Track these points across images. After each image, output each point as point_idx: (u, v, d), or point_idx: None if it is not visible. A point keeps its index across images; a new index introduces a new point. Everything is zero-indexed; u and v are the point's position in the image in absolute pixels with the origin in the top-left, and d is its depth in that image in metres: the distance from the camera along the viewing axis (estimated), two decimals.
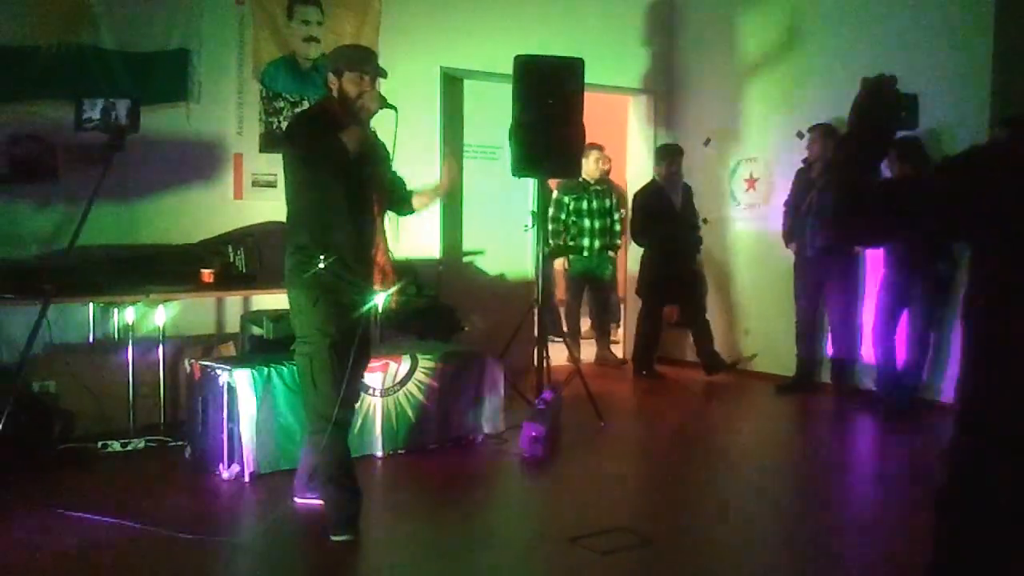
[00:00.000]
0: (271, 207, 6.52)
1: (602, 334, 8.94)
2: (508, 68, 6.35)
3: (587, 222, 8.47)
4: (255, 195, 6.59)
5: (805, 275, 7.30)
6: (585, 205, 8.45)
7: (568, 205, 8.38)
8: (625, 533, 4.26)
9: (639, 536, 4.23)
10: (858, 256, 7.14)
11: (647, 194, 8.10)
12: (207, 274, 5.87)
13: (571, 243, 8.44)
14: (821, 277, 7.15)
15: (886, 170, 6.07)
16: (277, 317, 5.74)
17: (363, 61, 4.16)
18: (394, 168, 4.35)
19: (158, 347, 5.75)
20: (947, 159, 1.87)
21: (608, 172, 8.92)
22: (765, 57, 8.10)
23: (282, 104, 6.71)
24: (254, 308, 6.32)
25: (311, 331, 4.07)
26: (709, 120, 8.49)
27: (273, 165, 6.58)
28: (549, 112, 6.22)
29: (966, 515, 1.79)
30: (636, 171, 9.03)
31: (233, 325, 6.31)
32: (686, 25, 8.74)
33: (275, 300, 6.16)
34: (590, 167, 8.38)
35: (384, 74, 4.22)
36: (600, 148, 8.51)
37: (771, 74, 8.05)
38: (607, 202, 8.57)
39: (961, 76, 6.65)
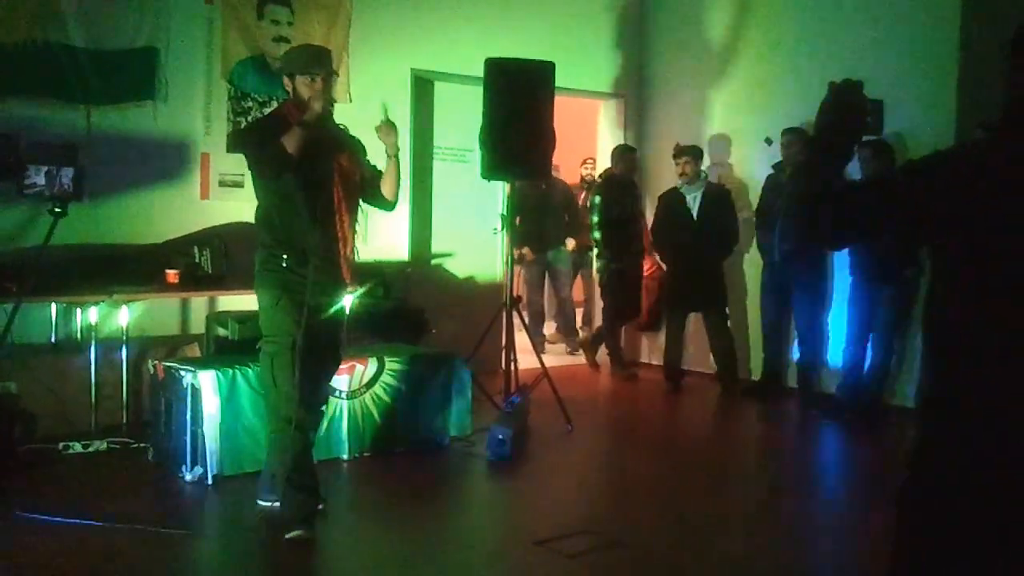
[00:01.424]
0: (238, 207, 6.47)
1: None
2: (479, 71, 6.35)
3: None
4: (222, 195, 6.53)
5: (772, 279, 7.33)
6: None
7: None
8: (591, 536, 4.26)
9: (605, 538, 4.22)
10: (825, 261, 7.18)
11: (659, 200, 7.96)
12: (172, 274, 5.82)
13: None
14: (788, 281, 7.19)
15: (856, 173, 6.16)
16: (243, 318, 5.70)
17: (312, 63, 4.15)
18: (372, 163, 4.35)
19: (121, 348, 5.68)
20: (915, 161, 1.88)
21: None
22: (735, 62, 8.14)
23: (250, 104, 6.66)
24: (220, 309, 6.26)
25: (274, 331, 4.07)
26: (679, 125, 8.51)
27: (241, 165, 6.44)
28: (520, 115, 6.21)
29: (927, 517, 1.80)
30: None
31: (198, 326, 6.26)
32: (657, 30, 8.77)
33: (241, 301, 6.11)
34: None
35: (336, 74, 4.24)
36: None
37: (741, 79, 8.10)
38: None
39: (926, 82, 6.71)
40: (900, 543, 1.86)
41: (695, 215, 7.59)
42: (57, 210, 5.15)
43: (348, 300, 4.28)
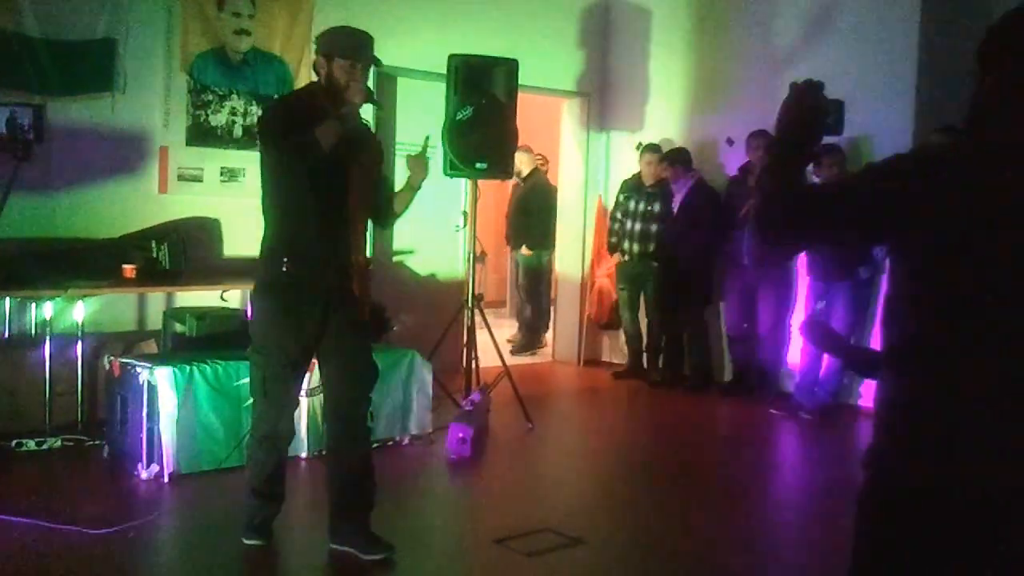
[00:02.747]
0: (197, 202, 6.41)
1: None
2: (442, 67, 6.32)
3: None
4: (181, 189, 6.44)
5: (738, 283, 7.38)
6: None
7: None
8: (551, 534, 4.26)
9: (566, 537, 4.22)
10: (792, 264, 7.22)
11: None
12: (129, 269, 5.73)
13: None
14: (754, 285, 7.24)
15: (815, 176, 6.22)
16: (201, 315, 5.65)
17: (357, 48, 3.80)
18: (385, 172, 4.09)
19: (77, 344, 5.58)
20: (876, 164, 1.89)
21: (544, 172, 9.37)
22: (698, 63, 8.18)
23: (210, 97, 6.58)
24: (177, 305, 6.18)
25: (265, 342, 3.82)
26: (642, 124, 8.54)
27: (200, 159, 6.48)
28: (482, 112, 6.20)
29: (885, 521, 1.81)
30: (569, 172, 9.05)
31: (155, 322, 6.17)
32: (620, 29, 8.79)
33: (199, 297, 6.06)
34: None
35: (379, 63, 3.90)
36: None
37: (704, 80, 8.14)
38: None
39: (887, 84, 6.79)
40: (858, 545, 1.87)
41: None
42: (20, 154, 4.97)
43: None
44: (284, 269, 3.74)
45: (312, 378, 5.27)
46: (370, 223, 4.07)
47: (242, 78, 6.64)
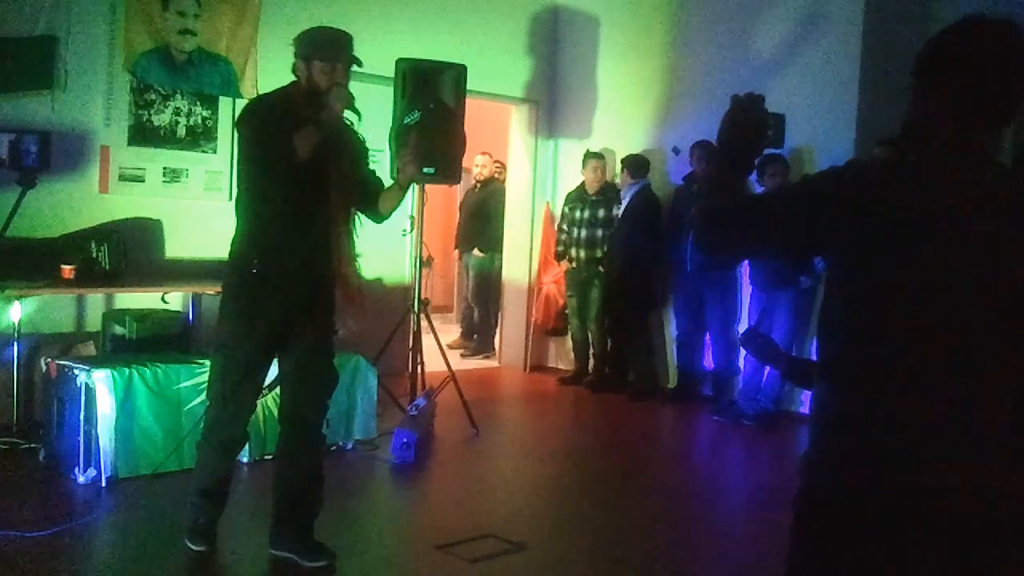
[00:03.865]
0: (139, 203, 6.32)
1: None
2: (390, 71, 6.30)
3: None
4: (122, 189, 6.35)
5: (685, 290, 7.46)
6: None
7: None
8: (494, 540, 4.26)
9: (509, 543, 4.23)
10: (736, 272, 7.31)
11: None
12: (67, 270, 5.63)
13: None
14: (700, 292, 7.31)
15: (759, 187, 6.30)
16: (141, 316, 5.57)
17: (336, 49, 3.71)
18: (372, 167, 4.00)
19: (13, 345, 5.48)
20: (811, 177, 1.92)
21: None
22: (644, 73, 8.24)
23: (153, 96, 6.50)
24: (117, 307, 6.08)
25: (228, 343, 3.76)
26: (590, 131, 8.59)
27: (142, 159, 6.40)
28: (430, 117, 6.19)
29: (817, 529, 1.84)
30: (517, 178, 9.08)
31: (94, 324, 6.07)
32: (568, 37, 8.84)
33: (139, 299, 5.97)
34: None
35: (360, 63, 3.79)
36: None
37: (649, 89, 8.20)
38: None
39: (828, 98, 6.90)
40: (793, 550, 1.89)
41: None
42: (26, 183, 4.95)
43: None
44: (253, 271, 3.68)
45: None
46: (358, 230, 3.97)
47: (186, 78, 6.56)
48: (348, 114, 3.70)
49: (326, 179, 3.68)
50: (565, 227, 8.19)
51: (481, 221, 9.36)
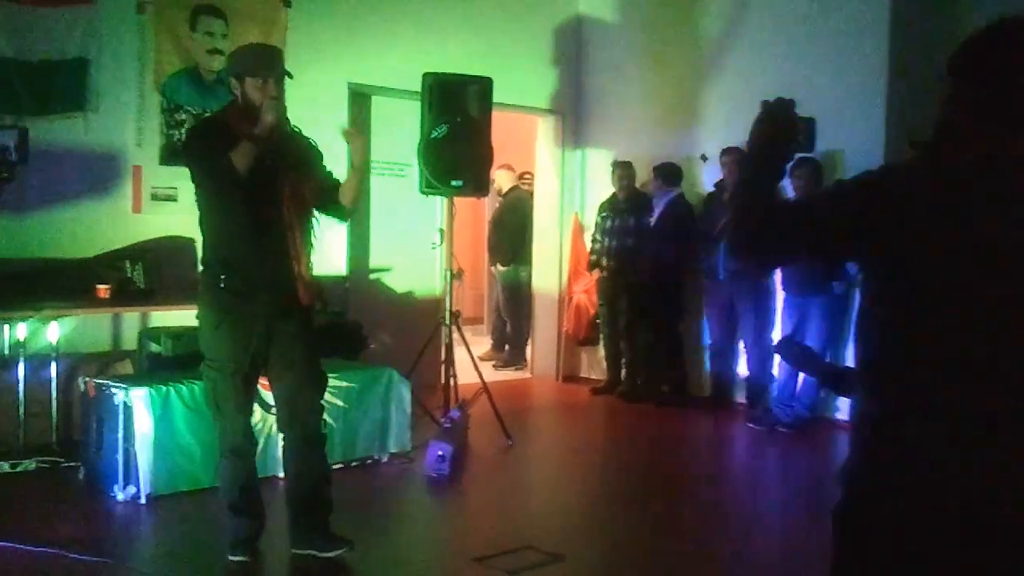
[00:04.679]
0: (171, 221, 6.37)
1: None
2: (417, 85, 6.33)
3: None
4: (155, 209, 6.42)
5: (718, 298, 7.43)
6: None
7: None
8: (532, 551, 4.25)
9: (546, 554, 4.22)
10: (770, 278, 7.25)
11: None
12: (103, 289, 5.69)
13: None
14: (733, 299, 7.28)
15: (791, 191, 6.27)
16: (176, 334, 5.61)
17: (265, 64, 3.85)
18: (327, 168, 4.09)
19: (51, 364, 5.54)
20: (845, 182, 1.91)
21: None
22: (671, 81, 8.23)
23: (184, 116, 6.56)
24: (152, 325, 6.14)
25: (213, 355, 3.90)
26: (617, 141, 8.58)
27: (174, 178, 6.43)
28: (457, 130, 6.21)
29: (861, 539, 1.82)
30: (545, 189, 9.09)
31: (130, 342, 6.13)
32: (593, 47, 8.83)
33: (174, 317, 6.01)
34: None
35: (290, 76, 3.92)
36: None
37: (677, 97, 8.18)
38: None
39: (857, 101, 6.86)
40: (837, 561, 1.88)
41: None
42: (5, 175, 4.98)
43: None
44: (222, 286, 3.82)
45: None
46: (315, 231, 4.05)
47: (216, 97, 6.61)
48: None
49: (275, 189, 3.80)
50: (598, 236, 8.19)
51: (501, 232, 9.38)
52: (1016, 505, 1.68)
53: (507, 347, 9.55)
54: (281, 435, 4.19)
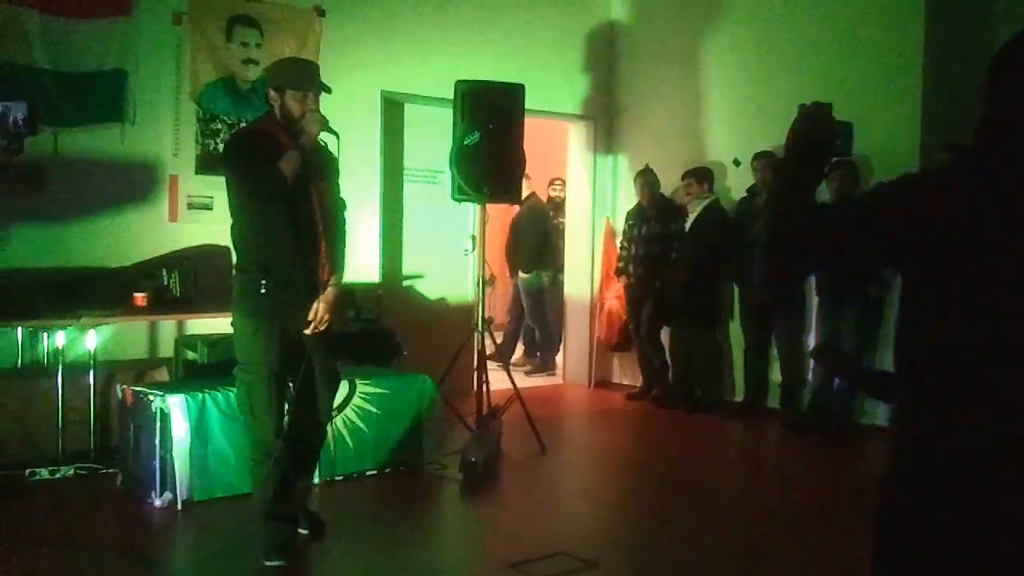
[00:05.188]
0: (207, 230, 6.42)
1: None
2: (449, 93, 6.35)
3: None
4: (191, 217, 6.49)
5: (751, 303, 7.39)
6: None
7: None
8: (566, 558, 4.24)
9: (581, 560, 4.21)
10: (804, 284, 7.19)
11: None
12: (140, 298, 5.75)
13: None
14: (767, 304, 7.23)
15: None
16: (212, 342, 5.66)
17: (306, 78, 4.02)
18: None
19: (89, 372, 5.60)
20: (885, 184, 1.89)
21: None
22: (703, 86, 8.21)
23: (219, 126, 6.63)
24: (189, 332, 6.20)
25: (250, 359, 3.99)
26: (649, 147, 8.55)
27: (210, 187, 6.50)
28: (489, 137, 6.23)
29: (900, 546, 1.81)
30: (577, 195, 9.09)
31: (167, 350, 6.19)
32: (626, 53, 8.83)
33: (210, 325, 6.06)
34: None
35: (328, 90, 4.08)
36: None
37: (709, 102, 8.16)
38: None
39: (893, 104, 6.81)
40: (876, 568, 1.86)
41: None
42: (14, 147, 5.02)
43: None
44: (263, 291, 3.89)
45: None
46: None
47: (251, 106, 6.68)
48: (325, 134, 3.99)
49: (309, 196, 3.94)
50: (626, 243, 8.18)
51: (520, 242, 9.37)
52: None
53: (537, 353, 9.54)
54: (290, 413, 4.18)
